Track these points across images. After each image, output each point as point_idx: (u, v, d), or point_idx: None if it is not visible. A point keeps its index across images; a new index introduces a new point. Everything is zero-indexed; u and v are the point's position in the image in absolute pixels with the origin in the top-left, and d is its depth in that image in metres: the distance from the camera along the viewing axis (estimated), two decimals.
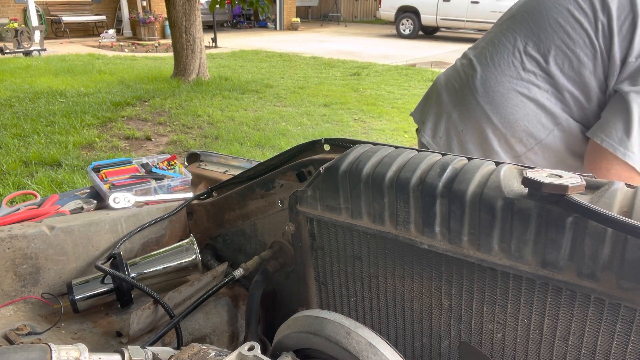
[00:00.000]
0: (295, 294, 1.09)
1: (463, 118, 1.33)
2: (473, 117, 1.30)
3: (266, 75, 8.99)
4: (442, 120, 1.37)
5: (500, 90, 1.25)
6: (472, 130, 1.31)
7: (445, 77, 1.44)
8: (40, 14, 13.57)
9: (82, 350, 0.64)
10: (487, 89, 1.27)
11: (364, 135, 5.47)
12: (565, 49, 1.18)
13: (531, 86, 1.22)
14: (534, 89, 1.22)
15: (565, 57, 1.18)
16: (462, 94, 1.33)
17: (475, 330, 0.80)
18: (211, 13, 12.03)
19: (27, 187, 3.82)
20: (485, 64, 1.30)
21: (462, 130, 1.33)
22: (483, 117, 1.28)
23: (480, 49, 1.37)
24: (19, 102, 6.39)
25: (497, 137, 1.28)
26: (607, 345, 0.68)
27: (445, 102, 1.38)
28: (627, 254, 0.62)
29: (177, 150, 4.91)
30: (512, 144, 1.27)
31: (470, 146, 1.32)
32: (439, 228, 0.78)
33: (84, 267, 1.12)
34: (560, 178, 0.67)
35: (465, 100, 1.32)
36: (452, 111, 1.35)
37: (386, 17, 16.55)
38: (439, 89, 1.42)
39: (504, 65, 1.26)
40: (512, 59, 1.25)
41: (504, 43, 1.29)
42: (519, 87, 1.23)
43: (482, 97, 1.28)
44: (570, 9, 1.18)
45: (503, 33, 1.31)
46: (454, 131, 1.35)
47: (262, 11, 7.72)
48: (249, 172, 1.18)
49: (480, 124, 1.29)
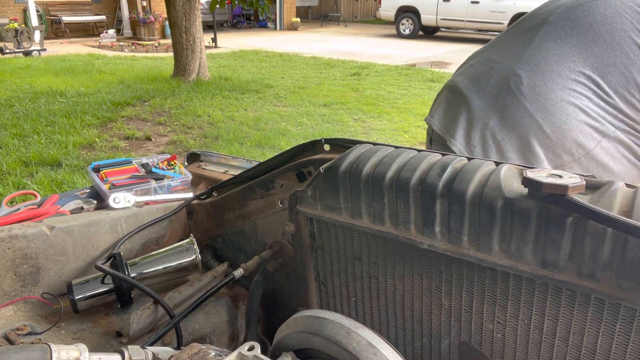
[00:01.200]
0: (295, 294, 1.09)
1: (505, 125, 1.25)
2: (519, 124, 1.23)
3: (266, 75, 8.98)
4: (476, 128, 1.29)
5: (553, 97, 1.20)
6: (515, 138, 1.25)
7: (472, 81, 1.36)
8: (40, 14, 13.57)
9: (82, 350, 0.64)
10: (537, 95, 1.21)
11: (364, 135, 5.47)
12: (622, 69, 1.18)
13: (582, 97, 1.20)
14: (585, 100, 1.20)
15: (620, 75, 1.18)
16: (504, 100, 1.26)
17: (475, 330, 0.80)
18: (211, 13, 12.03)
19: (27, 187, 3.82)
20: (531, 70, 1.24)
21: (503, 138, 1.26)
22: (533, 125, 1.22)
23: (513, 53, 1.31)
24: (19, 102, 6.39)
25: (544, 146, 1.22)
26: (607, 345, 0.68)
27: (478, 109, 1.30)
28: (627, 254, 0.62)
29: (177, 150, 4.91)
30: (559, 153, 1.22)
31: (510, 154, 1.26)
32: (439, 228, 0.78)
33: (84, 267, 1.12)
34: (560, 178, 0.67)
35: (507, 106, 1.25)
36: (490, 118, 1.28)
37: (386, 17, 16.54)
38: (466, 94, 1.34)
39: (554, 73, 1.22)
40: (562, 68, 1.22)
41: (548, 50, 1.24)
42: (571, 97, 1.20)
43: (532, 104, 1.22)
44: (628, 30, 1.18)
45: (546, 39, 1.27)
46: (491, 139, 1.27)
47: (262, 11, 7.71)
48: (249, 172, 1.18)
49: (527, 132, 1.23)
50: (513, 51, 1.32)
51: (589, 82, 1.20)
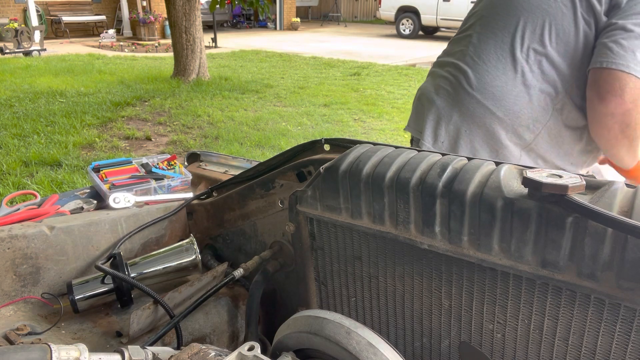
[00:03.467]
0: (295, 294, 1.09)
1: (465, 118, 1.33)
2: (476, 115, 1.31)
3: (266, 75, 8.98)
4: (441, 125, 1.37)
5: (497, 83, 1.28)
6: (476, 128, 1.32)
7: (432, 86, 1.44)
8: (40, 14, 13.57)
9: (82, 350, 0.64)
10: (484, 85, 1.30)
11: (364, 135, 5.47)
12: (549, 25, 1.23)
13: (526, 73, 1.25)
14: (529, 75, 1.25)
15: (551, 32, 1.23)
16: (458, 96, 1.35)
17: (475, 330, 0.80)
18: (211, 13, 12.03)
19: (27, 187, 3.82)
20: (474, 63, 1.33)
21: (465, 130, 1.33)
22: (487, 113, 1.29)
23: (459, 53, 1.39)
24: (19, 102, 6.39)
25: (504, 130, 1.29)
26: (607, 345, 0.68)
27: (441, 107, 1.38)
28: (627, 254, 0.62)
29: (177, 150, 4.91)
30: (520, 133, 1.28)
31: (477, 144, 1.32)
32: (439, 228, 0.78)
33: (84, 267, 1.12)
34: (560, 178, 0.67)
35: (463, 100, 1.33)
36: (452, 113, 1.35)
37: (386, 17, 16.55)
38: (429, 97, 1.42)
39: (494, 60, 1.30)
40: (500, 53, 1.29)
41: (486, 41, 1.33)
42: (515, 77, 1.26)
43: (481, 94, 1.30)
44: None
45: (481, 32, 1.36)
46: (457, 132, 1.35)
47: (262, 11, 7.71)
48: (249, 172, 1.18)
49: (485, 121, 1.30)
50: (459, 51, 1.40)
51: (525, 56, 1.26)
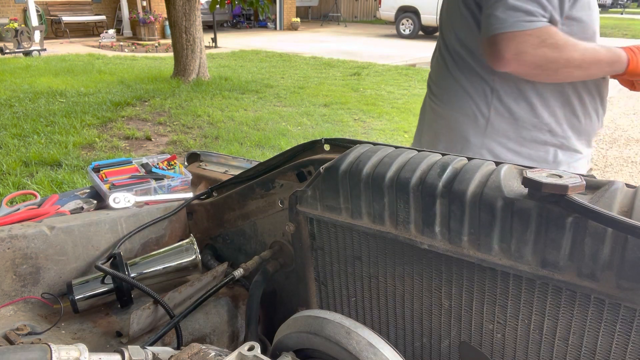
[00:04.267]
0: (295, 294, 1.09)
1: (437, 120, 1.51)
2: (441, 117, 1.48)
3: (266, 75, 8.99)
4: (424, 132, 1.59)
5: (445, 85, 1.45)
6: (446, 130, 1.47)
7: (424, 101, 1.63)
8: (40, 14, 13.57)
9: (82, 350, 0.64)
10: (440, 90, 1.48)
11: (364, 135, 5.47)
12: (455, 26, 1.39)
13: (461, 72, 1.39)
14: (465, 71, 1.38)
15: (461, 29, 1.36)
16: (424, 108, 1.59)
17: (475, 330, 0.80)
18: (211, 13, 12.03)
19: (27, 187, 3.82)
20: (431, 73, 1.56)
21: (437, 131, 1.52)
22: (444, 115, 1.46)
23: (431, 68, 1.60)
24: (19, 102, 6.39)
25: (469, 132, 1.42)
26: (607, 345, 0.68)
27: (425, 117, 1.59)
28: (627, 254, 0.62)
29: (177, 150, 4.91)
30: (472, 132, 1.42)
31: (446, 144, 1.48)
32: (439, 228, 0.78)
33: (84, 267, 1.12)
34: (560, 178, 0.67)
35: (430, 109, 1.53)
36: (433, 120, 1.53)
37: (386, 17, 16.55)
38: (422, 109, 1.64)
39: (436, 66, 1.51)
40: (438, 58, 1.49)
41: (434, 52, 1.55)
42: (455, 78, 1.41)
43: (439, 101, 1.48)
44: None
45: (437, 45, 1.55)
46: (435, 137, 1.51)
47: (262, 11, 7.72)
48: (249, 172, 1.18)
49: (448, 122, 1.46)
50: (431, 67, 1.59)
51: (455, 54, 1.39)
